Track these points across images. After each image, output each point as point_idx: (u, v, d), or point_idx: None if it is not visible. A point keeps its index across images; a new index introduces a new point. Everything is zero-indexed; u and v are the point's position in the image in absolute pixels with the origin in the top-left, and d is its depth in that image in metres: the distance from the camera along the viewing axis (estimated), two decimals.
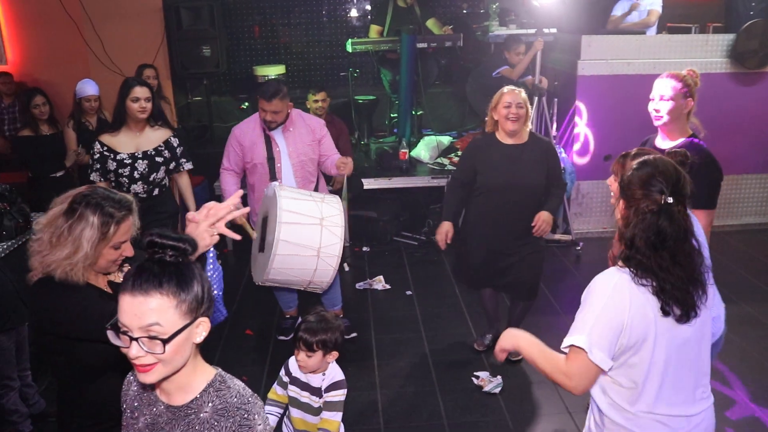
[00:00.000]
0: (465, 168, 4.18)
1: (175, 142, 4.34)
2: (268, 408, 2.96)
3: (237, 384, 1.71)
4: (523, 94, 3.98)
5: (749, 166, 6.77)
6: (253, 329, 4.93)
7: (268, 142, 4.35)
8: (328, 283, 3.96)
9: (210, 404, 1.64)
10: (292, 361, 2.97)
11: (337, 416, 2.87)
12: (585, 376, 2.03)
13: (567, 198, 6.42)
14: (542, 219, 4.01)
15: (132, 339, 1.52)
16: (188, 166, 4.44)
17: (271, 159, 4.34)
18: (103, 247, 2.17)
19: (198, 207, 2.34)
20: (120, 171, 4.13)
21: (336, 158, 4.41)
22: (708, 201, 3.14)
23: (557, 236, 6.39)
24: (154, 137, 4.26)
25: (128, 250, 2.24)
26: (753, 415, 3.85)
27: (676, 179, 2.04)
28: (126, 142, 4.17)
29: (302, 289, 4.04)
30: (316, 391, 2.88)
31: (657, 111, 3.26)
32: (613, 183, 2.60)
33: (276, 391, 3.01)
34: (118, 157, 4.14)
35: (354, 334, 4.75)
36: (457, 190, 4.22)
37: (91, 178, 4.10)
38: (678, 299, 1.99)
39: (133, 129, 4.19)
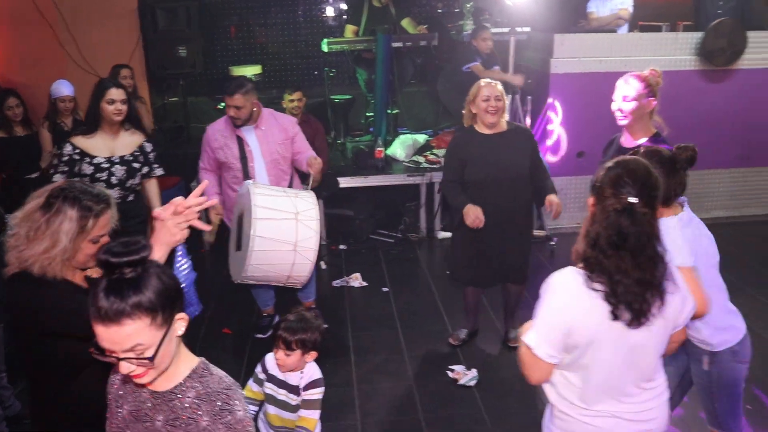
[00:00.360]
0: (453, 166, 4.22)
1: (148, 147, 4.23)
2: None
3: (220, 372, 1.76)
4: (500, 87, 4.08)
5: (718, 161, 6.90)
6: (231, 328, 4.96)
7: (240, 141, 4.37)
8: (307, 278, 4.00)
9: (193, 389, 1.69)
10: (269, 357, 3.00)
11: (315, 414, 2.91)
12: (535, 369, 2.11)
13: None
14: (554, 202, 4.05)
15: (119, 359, 1.55)
16: (159, 171, 4.34)
17: (243, 158, 4.36)
18: (82, 241, 2.18)
19: None
20: (97, 176, 3.98)
21: (308, 156, 4.46)
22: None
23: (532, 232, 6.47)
24: (129, 142, 4.12)
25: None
26: None
27: (644, 180, 2.02)
28: (101, 146, 4.02)
29: (281, 284, 4.07)
30: (294, 389, 2.91)
31: (620, 111, 3.36)
32: None
33: (251, 389, 3.02)
34: (94, 161, 3.99)
35: (325, 326, 4.78)
36: (455, 186, 4.21)
37: (53, 180, 3.85)
38: (630, 304, 1.97)
39: (108, 132, 4.05)
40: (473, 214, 4.01)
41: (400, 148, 6.99)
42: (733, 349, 2.72)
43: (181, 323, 1.66)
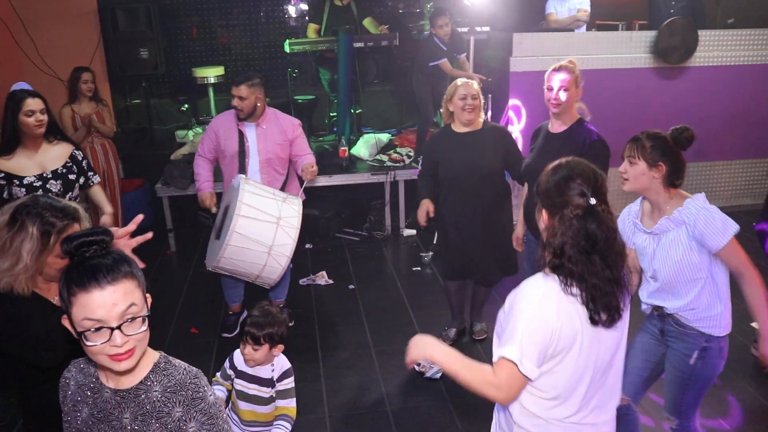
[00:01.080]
0: (428, 164, 4.33)
1: (79, 155, 3.89)
2: (215, 387, 3.01)
3: (181, 363, 1.78)
4: (476, 86, 4.14)
5: None
6: (198, 327, 4.97)
7: (241, 135, 4.44)
8: (275, 281, 4.10)
9: (159, 384, 1.71)
10: (236, 354, 3.04)
11: (293, 402, 3.00)
12: (515, 386, 1.97)
13: None
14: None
15: (112, 330, 1.56)
16: (97, 179, 4.00)
17: (242, 153, 4.44)
18: (46, 257, 2.18)
19: (136, 212, 2.37)
20: None
21: (304, 162, 4.51)
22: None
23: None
24: (56, 153, 3.78)
25: None
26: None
27: (594, 179, 1.98)
28: (28, 164, 3.66)
29: (250, 281, 4.16)
30: (267, 382, 2.97)
31: (557, 100, 3.58)
32: (627, 169, 2.71)
33: (219, 379, 3.07)
34: (25, 182, 3.62)
35: (291, 323, 4.86)
36: (427, 179, 4.32)
37: None
38: (605, 305, 1.94)
39: (31, 148, 3.69)
40: (421, 210, 4.21)
41: (363, 147, 7.06)
42: (720, 345, 2.77)
43: (148, 302, 1.69)
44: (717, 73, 6.87)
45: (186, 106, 8.06)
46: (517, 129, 6.71)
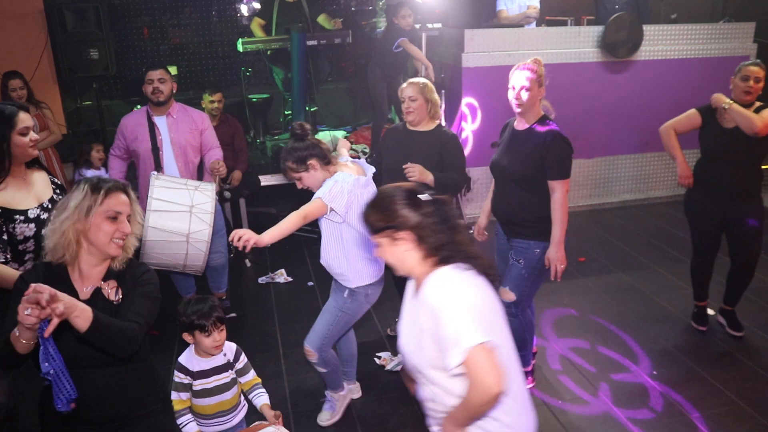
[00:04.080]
0: (374, 155, 4.36)
1: (57, 180, 3.20)
2: (182, 419, 2.95)
3: None
4: (421, 85, 4.05)
5: (624, 147, 7.29)
6: (158, 329, 4.92)
7: (152, 131, 4.49)
8: (203, 266, 4.19)
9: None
10: (184, 360, 3.00)
11: (254, 372, 3.12)
12: (495, 366, 1.93)
13: None
14: (416, 167, 3.92)
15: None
16: None
17: (155, 149, 4.49)
18: (94, 214, 2.24)
19: None
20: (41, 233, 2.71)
21: (212, 159, 4.61)
22: (561, 172, 3.57)
23: None
24: (42, 180, 3.10)
25: (125, 227, 2.31)
26: (629, 369, 4.23)
27: (408, 189, 2.13)
28: (24, 195, 2.96)
29: (180, 271, 4.25)
30: (224, 368, 3.02)
31: (518, 99, 3.60)
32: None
33: (180, 398, 2.98)
34: (30, 215, 2.93)
35: (233, 315, 4.98)
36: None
37: None
38: (488, 266, 2.11)
39: (19, 176, 2.97)
40: None
41: None
42: (367, 291, 3.54)
43: None
44: (662, 66, 7.08)
45: (138, 106, 7.92)
46: (469, 128, 6.81)
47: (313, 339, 3.63)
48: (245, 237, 3.06)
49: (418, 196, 2.08)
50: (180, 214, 3.97)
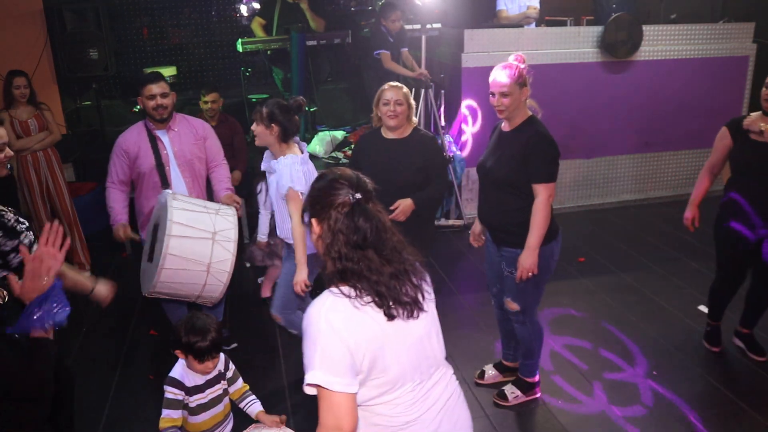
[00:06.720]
0: (352, 164, 4.24)
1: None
2: None
3: None
4: (405, 90, 4.03)
5: (623, 148, 7.29)
6: (158, 330, 4.93)
7: (155, 146, 4.18)
8: (218, 298, 3.89)
9: None
10: (178, 375, 2.91)
11: (242, 379, 3.13)
12: (345, 410, 1.85)
13: (458, 185, 6.72)
14: (401, 205, 3.95)
15: None
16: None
17: (160, 165, 4.17)
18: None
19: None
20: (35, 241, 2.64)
21: (222, 194, 4.30)
22: (547, 175, 3.43)
23: (450, 222, 6.70)
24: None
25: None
26: (628, 369, 4.23)
27: (357, 179, 2.03)
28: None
29: (191, 301, 3.94)
30: (217, 378, 2.99)
31: (499, 106, 3.49)
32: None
33: (171, 417, 2.87)
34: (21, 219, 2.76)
35: (234, 345, 4.66)
36: None
37: None
38: (398, 300, 1.93)
39: None
40: None
41: (318, 144, 7.08)
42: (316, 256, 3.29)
43: None
44: (662, 66, 7.08)
45: (138, 107, 7.93)
46: (469, 130, 6.81)
47: (276, 304, 3.97)
48: (299, 282, 3.67)
49: (354, 192, 1.98)
50: (202, 241, 3.62)
